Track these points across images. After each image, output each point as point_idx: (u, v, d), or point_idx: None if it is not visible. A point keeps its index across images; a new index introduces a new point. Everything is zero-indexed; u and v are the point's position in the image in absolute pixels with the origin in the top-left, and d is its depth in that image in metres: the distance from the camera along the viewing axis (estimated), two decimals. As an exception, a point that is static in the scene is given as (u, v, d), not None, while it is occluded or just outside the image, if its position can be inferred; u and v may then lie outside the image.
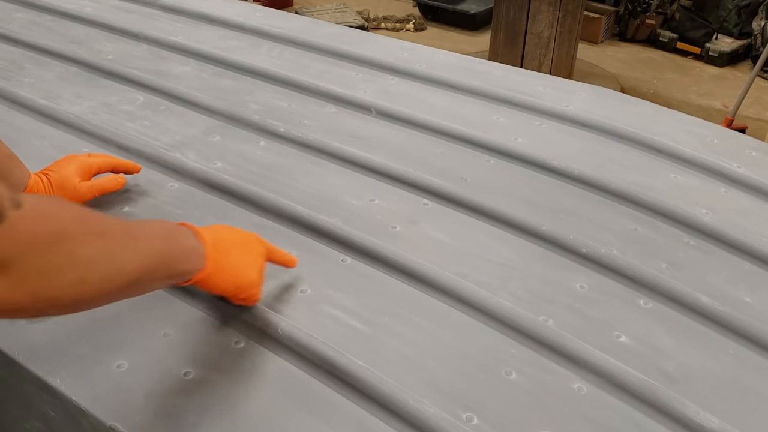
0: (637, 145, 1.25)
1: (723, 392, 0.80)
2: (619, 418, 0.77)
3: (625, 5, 4.67)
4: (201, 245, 0.76)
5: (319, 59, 1.51)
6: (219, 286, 0.79)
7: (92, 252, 0.60)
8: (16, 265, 0.55)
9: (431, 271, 0.93)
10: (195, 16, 1.69)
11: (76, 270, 0.58)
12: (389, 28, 4.84)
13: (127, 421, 0.73)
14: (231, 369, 0.79)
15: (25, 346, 0.81)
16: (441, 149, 1.22)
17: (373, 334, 0.84)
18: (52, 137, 1.21)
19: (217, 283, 0.78)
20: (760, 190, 1.15)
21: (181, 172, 1.12)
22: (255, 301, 0.86)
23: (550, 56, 3.75)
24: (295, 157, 1.19)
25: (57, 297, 0.58)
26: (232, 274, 0.80)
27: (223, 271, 0.78)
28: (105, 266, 0.61)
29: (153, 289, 0.72)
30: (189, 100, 1.33)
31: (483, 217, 1.06)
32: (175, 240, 0.73)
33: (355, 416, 0.75)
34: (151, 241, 0.69)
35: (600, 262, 0.98)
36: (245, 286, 0.82)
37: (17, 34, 1.56)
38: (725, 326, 0.89)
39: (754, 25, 4.41)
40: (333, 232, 0.99)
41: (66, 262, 0.58)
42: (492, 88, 1.39)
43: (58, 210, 0.61)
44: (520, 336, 0.85)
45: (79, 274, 0.59)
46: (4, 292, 0.55)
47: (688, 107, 3.87)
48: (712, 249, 1.02)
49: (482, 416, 0.75)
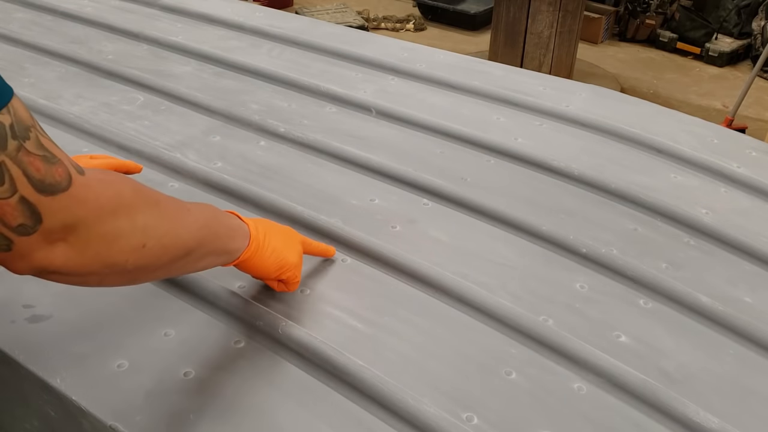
0: (637, 145, 1.25)
1: (723, 392, 0.80)
2: (619, 418, 0.77)
3: (625, 5, 4.67)
4: (245, 226, 0.79)
5: (319, 59, 1.51)
6: (263, 266, 0.81)
7: (150, 219, 0.62)
8: (82, 229, 0.56)
9: (431, 271, 0.93)
10: (195, 16, 1.69)
11: (136, 235, 0.60)
12: (389, 28, 4.84)
13: (127, 421, 0.73)
14: (231, 369, 0.79)
15: (25, 346, 0.81)
16: (441, 149, 1.22)
17: (373, 334, 0.84)
18: (52, 137, 1.21)
19: (261, 262, 0.81)
20: (760, 190, 1.15)
21: (182, 172, 1.12)
22: (296, 283, 0.87)
23: (550, 56, 3.75)
24: (295, 157, 1.19)
25: (120, 262, 0.60)
26: (275, 254, 0.82)
27: (267, 251, 0.81)
28: (162, 233, 0.63)
29: (204, 267, 0.74)
30: (189, 100, 1.33)
31: (483, 217, 1.06)
32: (222, 217, 0.76)
33: (355, 416, 0.75)
34: (201, 213, 0.71)
35: (600, 262, 0.98)
36: (289, 266, 0.84)
37: (17, 34, 1.56)
38: (725, 326, 0.89)
39: (754, 25, 4.41)
40: (333, 232, 0.99)
41: (127, 228, 0.60)
42: (492, 88, 1.39)
43: (115, 178, 0.62)
44: (520, 336, 0.86)
45: (139, 239, 0.61)
46: (72, 256, 0.56)
47: (688, 107, 3.87)
48: (712, 249, 1.02)
49: (482, 416, 0.75)
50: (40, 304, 0.86)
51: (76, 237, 0.56)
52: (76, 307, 0.86)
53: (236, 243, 0.77)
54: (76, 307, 0.86)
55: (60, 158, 0.56)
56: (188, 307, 0.87)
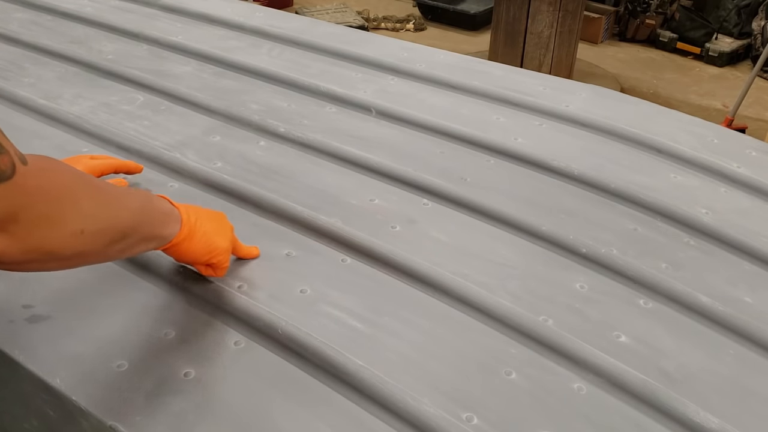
0: (637, 145, 1.25)
1: (723, 392, 0.80)
2: (619, 418, 0.77)
3: (625, 5, 4.67)
4: (176, 210, 0.80)
5: (319, 59, 1.51)
6: (193, 250, 0.82)
7: (90, 205, 0.64)
8: (24, 218, 0.58)
9: (431, 271, 0.93)
10: (195, 16, 1.69)
11: (76, 222, 0.62)
12: (389, 28, 4.84)
13: (127, 421, 0.73)
14: (231, 369, 0.79)
15: (25, 346, 0.81)
16: (441, 149, 1.22)
17: (372, 334, 0.84)
18: (52, 137, 1.21)
19: (191, 247, 0.82)
20: (760, 190, 1.15)
21: (181, 172, 1.12)
22: (224, 268, 0.88)
23: (550, 56, 3.75)
24: (295, 157, 1.19)
25: (59, 249, 0.62)
26: (205, 239, 0.83)
27: (197, 235, 0.82)
28: (101, 217, 0.65)
29: (138, 252, 0.75)
30: (189, 100, 1.33)
31: (483, 217, 1.06)
32: (156, 202, 0.78)
33: (355, 416, 0.75)
34: (136, 198, 0.73)
35: (600, 262, 0.98)
36: (218, 251, 0.85)
37: (17, 34, 1.56)
38: (725, 326, 0.89)
39: (754, 25, 4.41)
40: (333, 232, 0.99)
41: (69, 213, 0.61)
42: (492, 88, 1.39)
43: (58, 165, 0.64)
44: (520, 336, 0.85)
45: (78, 225, 0.62)
46: (12, 243, 0.58)
47: (688, 107, 3.87)
48: (712, 249, 1.02)
49: (482, 416, 0.75)
50: (39, 304, 0.86)
51: (17, 226, 0.57)
52: (76, 307, 0.86)
53: (169, 228, 0.78)
54: (76, 307, 0.86)
55: (6, 148, 0.57)
56: (188, 307, 0.87)
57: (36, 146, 1.17)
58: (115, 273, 0.91)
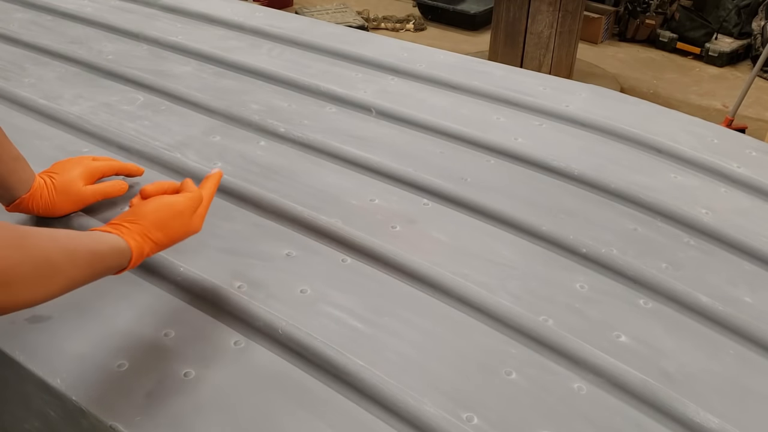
0: (637, 145, 1.25)
1: (723, 392, 0.80)
2: (619, 418, 0.77)
3: (625, 5, 4.67)
4: (121, 244, 0.77)
5: (319, 59, 1.51)
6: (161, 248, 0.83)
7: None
8: None
9: (431, 271, 0.93)
10: (195, 16, 1.69)
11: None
12: (389, 28, 4.84)
13: (127, 421, 0.73)
14: (231, 369, 0.79)
15: (25, 346, 0.81)
16: (441, 149, 1.22)
17: (373, 334, 0.84)
18: (52, 137, 1.21)
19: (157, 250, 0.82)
20: (760, 190, 1.15)
21: (182, 172, 1.12)
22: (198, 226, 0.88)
23: (550, 56, 3.75)
24: (295, 157, 1.19)
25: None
26: (166, 240, 0.83)
27: (154, 250, 0.82)
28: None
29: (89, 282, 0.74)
30: (189, 100, 1.33)
31: (483, 217, 1.06)
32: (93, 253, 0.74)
33: (356, 416, 0.75)
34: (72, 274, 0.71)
35: (600, 262, 0.98)
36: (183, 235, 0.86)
37: (17, 34, 1.56)
38: (725, 326, 0.89)
39: (754, 25, 4.41)
40: (333, 232, 0.99)
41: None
42: (492, 88, 1.39)
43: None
44: (520, 336, 0.85)
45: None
46: None
47: (688, 107, 3.87)
48: (712, 249, 1.02)
49: (482, 416, 0.75)
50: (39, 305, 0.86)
51: None
52: (76, 308, 0.86)
53: (114, 263, 0.76)
54: (76, 308, 0.86)
55: None
56: (188, 307, 0.87)
57: (36, 146, 1.17)
58: (116, 273, 0.91)
